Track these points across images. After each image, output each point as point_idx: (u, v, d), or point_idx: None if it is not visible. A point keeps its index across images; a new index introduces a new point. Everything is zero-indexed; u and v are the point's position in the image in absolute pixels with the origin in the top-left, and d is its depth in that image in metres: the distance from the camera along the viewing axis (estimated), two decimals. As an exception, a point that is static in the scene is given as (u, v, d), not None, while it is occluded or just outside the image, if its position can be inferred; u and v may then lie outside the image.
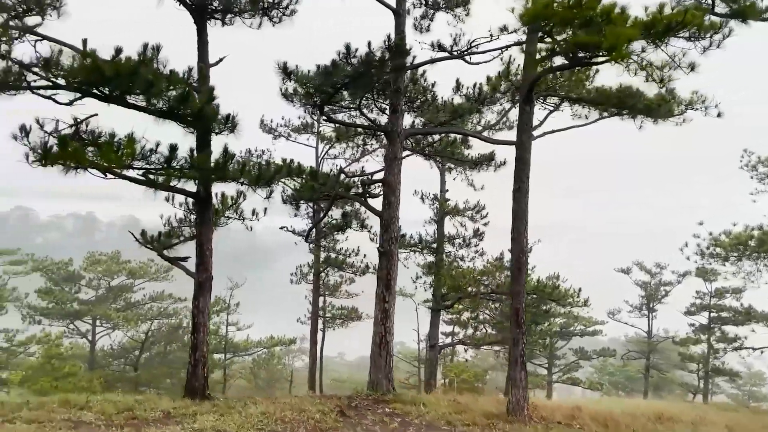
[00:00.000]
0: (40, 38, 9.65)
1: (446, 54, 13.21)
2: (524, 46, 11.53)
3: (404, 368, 58.62)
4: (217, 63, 11.29)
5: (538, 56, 11.10)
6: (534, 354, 42.75)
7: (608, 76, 16.78)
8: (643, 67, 9.78)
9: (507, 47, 13.29)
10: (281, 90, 15.35)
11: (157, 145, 9.19)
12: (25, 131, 8.13)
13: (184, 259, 12.23)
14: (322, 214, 16.75)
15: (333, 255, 25.48)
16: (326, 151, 26.40)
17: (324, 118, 13.05)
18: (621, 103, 12.95)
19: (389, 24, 13.35)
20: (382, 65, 11.21)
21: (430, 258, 27.95)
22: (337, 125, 16.22)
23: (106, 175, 9.28)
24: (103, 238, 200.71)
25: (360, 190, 14.84)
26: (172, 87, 9.29)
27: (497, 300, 29.56)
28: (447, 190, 25.95)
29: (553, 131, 14.08)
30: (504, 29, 12.57)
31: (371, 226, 21.34)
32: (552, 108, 14.65)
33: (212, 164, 9.48)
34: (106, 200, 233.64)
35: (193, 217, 12.94)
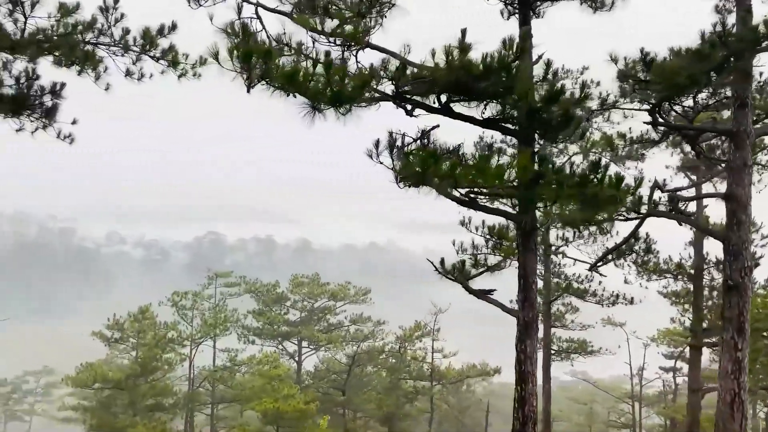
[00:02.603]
0: (362, 46, 8.55)
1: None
2: None
3: (602, 402, 53.28)
4: (537, 61, 9.52)
5: None
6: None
7: None
8: None
9: None
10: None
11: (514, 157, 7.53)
12: (390, 146, 6.90)
13: (490, 291, 10.56)
14: (626, 237, 14.36)
15: (571, 282, 22.79)
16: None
17: (649, 121, 10.70)
18: None
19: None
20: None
21: (675, 285, 24.14)
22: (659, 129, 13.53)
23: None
24: (279, 259, 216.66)
25: (669, 207, 12.18)
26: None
27: None
28: (706, 206, 22.03)
29: None
30: None
31: (658, 251, 18.43)
32: None
33: (577, 180, 7.59)
34: (283, 224, 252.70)
35: (491, 243, 11.30)
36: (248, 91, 6.63)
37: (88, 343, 36.82)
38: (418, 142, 7.72)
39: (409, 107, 8.13)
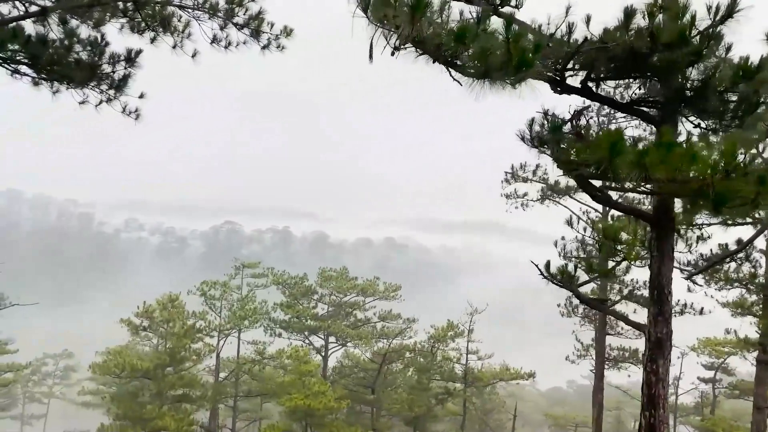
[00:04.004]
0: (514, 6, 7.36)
1: None
2: None
3: (629, 408, 51.79)
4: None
5: None
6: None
7: None
8: None
9: None
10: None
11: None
12: (553, 128, 5.73)
13: (605, 301, 9.35)
14: (744, 243, 13.09)
15: (633, 289, 21.39)
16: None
17: None
18: None
19: None
20: None
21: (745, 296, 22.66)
22: None
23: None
24: (296, 251, 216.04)
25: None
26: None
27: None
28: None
29: None
30: None
31: (757, 260, 17.03)
32: None
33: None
34: (301, 217, 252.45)
35: (605, 247, 10.08)
36: (392, 54, 5.47)
37: (107, 328, 36.14)
38: (570, 124, 6.52)
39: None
